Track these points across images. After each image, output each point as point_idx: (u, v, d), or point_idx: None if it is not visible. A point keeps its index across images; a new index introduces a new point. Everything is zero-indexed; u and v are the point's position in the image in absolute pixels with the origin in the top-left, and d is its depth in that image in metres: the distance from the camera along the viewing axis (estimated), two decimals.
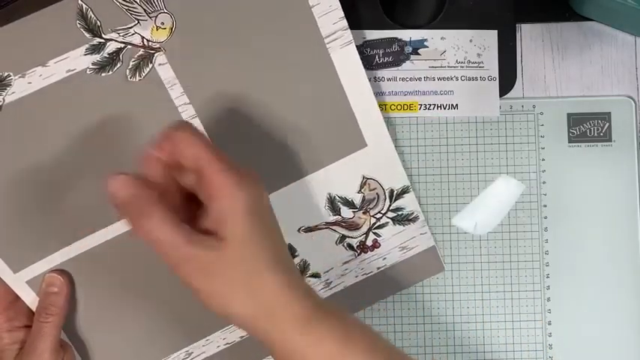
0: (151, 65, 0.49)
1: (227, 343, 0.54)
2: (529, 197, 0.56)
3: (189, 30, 0.49)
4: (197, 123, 0.51)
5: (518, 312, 0.56)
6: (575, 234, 0.56)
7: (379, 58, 0.55)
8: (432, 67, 0.56)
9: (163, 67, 0.50)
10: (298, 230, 0.54)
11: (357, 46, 0.55)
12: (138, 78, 0.50)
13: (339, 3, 0.50)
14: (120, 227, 0.51)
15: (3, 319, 0.50)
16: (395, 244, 0.55)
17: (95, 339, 0.53)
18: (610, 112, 0.57)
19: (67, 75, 0.49)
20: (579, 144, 0.57)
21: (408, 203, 0.55)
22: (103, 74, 0.49)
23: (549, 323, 0.56)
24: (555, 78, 0.57)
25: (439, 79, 0.56)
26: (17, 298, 0.51)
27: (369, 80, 0.56)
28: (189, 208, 0.42)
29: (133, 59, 0.49)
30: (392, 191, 0.55)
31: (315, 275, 0.55)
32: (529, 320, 0.56)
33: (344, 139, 0.53)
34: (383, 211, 0.55)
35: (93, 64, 0.49)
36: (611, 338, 0.56)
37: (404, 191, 0.55)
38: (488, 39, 0.56)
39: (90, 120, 0.49)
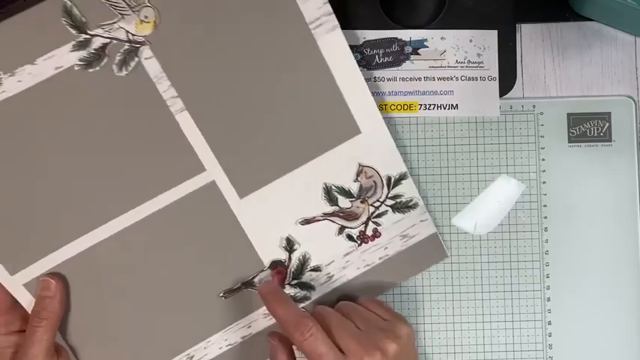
0: (137, 59, 0.49)
1: (229, 345, 0.54)
2: (529, 197, 0.56)
3: (174, 23, 0.49)
4: (186, 116, 0.50)
5: (518, 312, 0.56)
6: (575, 234, 0.56)
7: (379, 58, 0.55)
8: (432, 67, 0.56)
9: (150, 61, 0.50)
10: (296, 222, 0.53)
11: (356, 46, 0.56)
12: (125, 72, 0.50)
13: None
14: (115, 225, 0.51)
15: (0, 322, 0.50)
16: (396, 233, 0.54)
17: (91, 343, 0.52)
18: (610, 112, 0.57)
19: (55, 72, 0.49)
20: (579, 144, 0.57)
21: (407, 190, 0.54)
22: (91, 70, 0.49)
23: (549, 323, 0.56)
24: (555, 78, 0.57)
25: (439, 79, 0.56)
26: (16, 301, 0.50)
27: (370, 80, 0.56)
28: None
29: (119, 54, 0.49)
30: (389, 178, 0.54)
31: (316, 269, 0.54)
32: (529, 320, 0.56)
33: (337, 126, 0.52)
34: (381, 199, 0.54)
35: (80, 60, 0.49)
36: (611, 338, 0.56)
37: (402, 177, 0.54)
38: (488, 39, 0.56)
39: (80, 116, 0.49)
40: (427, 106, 0.56)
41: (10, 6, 0.49)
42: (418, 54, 0.56)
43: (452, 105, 0.56)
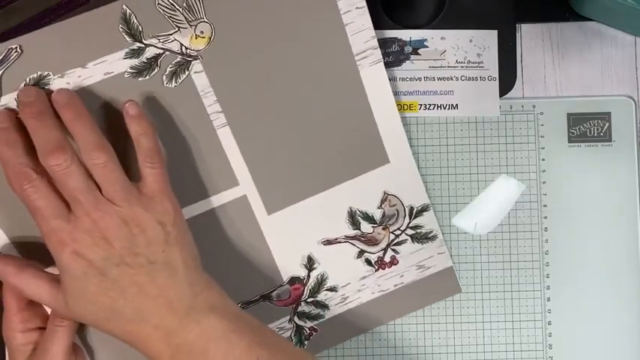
0: (187, 72, 0.50)
1: None
2: (529, 197, 0.56)
3: (227, 40, 0.50)
4: (227, 132, 0.51)
5: (518, 312, 0.56)
6: (575, 234, 0.56)
7: None
8: (432, 67, 0.56)
9: (199, 75, 0.50)
10: (318, 242, 0.54)
11: None
12: (174, 84, 0.50)
13: (371, 23, 0.52)
14: None
15: (18, 319, 0.49)
16: (413, 262, 0.55)
17: (108, 345, 0.52)
18: (610, 112, 0.57)
19: (104, 77, 0.49)
20: (579, 144, 0.57)
21: (427, 222, 0.55)
22: (140, 79, 0.50)
23: (549, 323, 0.56)
24: (555, 78, 0.57)
25: (439, 79, 0.56)
26: None
27: None
28: None
29: (170, 66, 0.50)
30: (412, 208, 0.55)
31: (332, 289, 0.55)
32: (529, 320, 0.56)
33: (367, 154, 0.54)
34: (402, 228, 0.55)
35: (131, 68, 0.49)
36: (610, 338, 0.56)
37: (423, 209, 0.55)
38: (489, 39, 0.56)
39: (123, 122, 0.49)
40: (427, 106, 0.56)
41: (9, 5, 0.49)
42: (418, 54, 0.56)
43: (452, 105, 0.56)
